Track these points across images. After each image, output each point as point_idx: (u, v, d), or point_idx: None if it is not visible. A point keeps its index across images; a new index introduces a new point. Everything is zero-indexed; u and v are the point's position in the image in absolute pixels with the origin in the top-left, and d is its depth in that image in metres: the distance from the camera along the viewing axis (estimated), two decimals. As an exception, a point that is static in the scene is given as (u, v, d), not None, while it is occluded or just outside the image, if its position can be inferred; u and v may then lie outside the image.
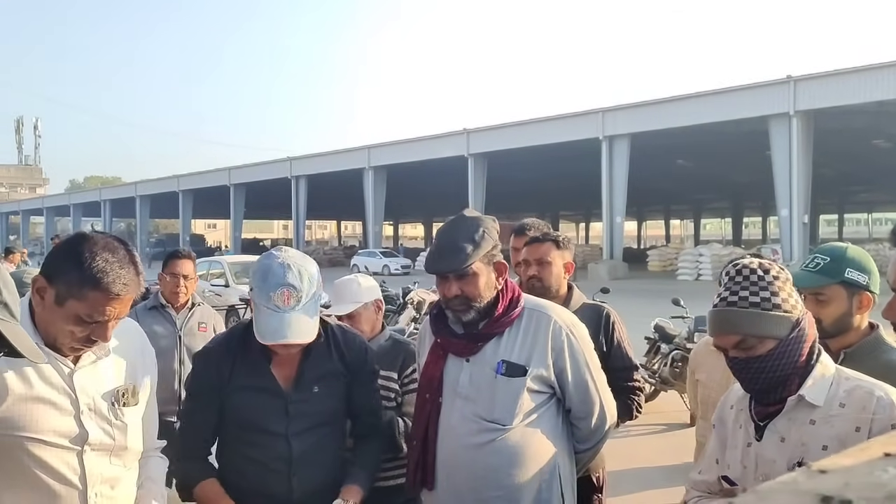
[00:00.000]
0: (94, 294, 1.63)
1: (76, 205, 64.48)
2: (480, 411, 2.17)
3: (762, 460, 1.69)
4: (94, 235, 1.72)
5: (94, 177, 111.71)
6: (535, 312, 2.25)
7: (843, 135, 27.18)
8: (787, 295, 1.67)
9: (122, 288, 1.66)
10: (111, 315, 1.67)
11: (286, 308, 2.03)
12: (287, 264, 2.07)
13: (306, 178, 42.56)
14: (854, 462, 0.64)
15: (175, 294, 4.11)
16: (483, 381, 2.18)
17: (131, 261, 1.72)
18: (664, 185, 42.74)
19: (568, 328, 2.24)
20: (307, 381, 2.19)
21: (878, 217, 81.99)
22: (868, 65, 23.19)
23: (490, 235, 2.20)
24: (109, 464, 1.79)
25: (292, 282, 2.05)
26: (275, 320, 2.03)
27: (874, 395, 1.59)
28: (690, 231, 71.96)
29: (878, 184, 45.84)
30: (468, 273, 2.15)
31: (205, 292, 13.88)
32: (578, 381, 2.22)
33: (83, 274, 1.63)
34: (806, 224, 25.24)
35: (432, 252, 2.25)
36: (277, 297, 2.03)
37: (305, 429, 2.17)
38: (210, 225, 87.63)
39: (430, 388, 2.28)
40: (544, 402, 2.21)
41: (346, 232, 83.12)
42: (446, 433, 2.21)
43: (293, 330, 2.04)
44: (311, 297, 2.09)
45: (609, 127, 29.16)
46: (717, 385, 2.64)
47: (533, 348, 2.19)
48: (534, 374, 2.17)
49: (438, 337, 2.30)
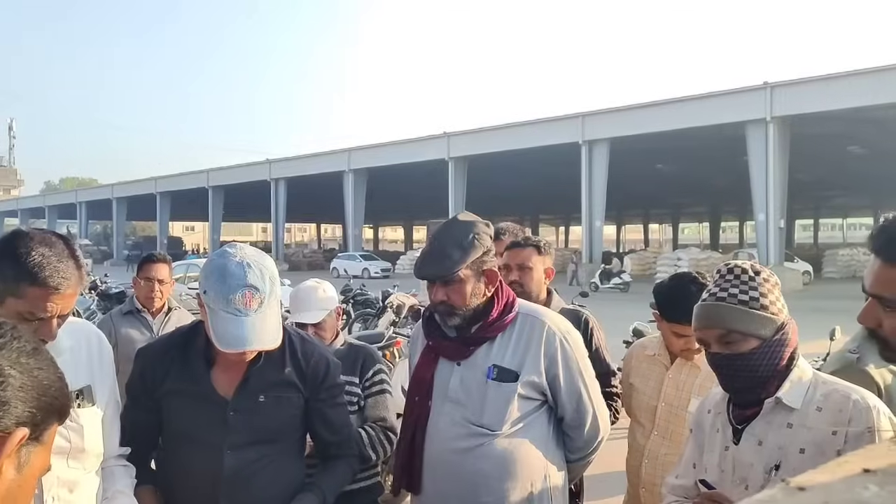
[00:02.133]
0: (32, 290, 1.59)
1: (51, 207, 63.68)
2: (470, 416, 2.13)
3: (740, 464, 1.69)
4: (30, 231, 1.67)
5: (69, 178, 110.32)
6: (530, 318, 2.21)
7: (818, 141, 27.51)
8: (775, 298, 1.71)
9: (60, 282, 1.61)
10: (53, 311, 1.62)
11: (248, 311, 1.83)
12: (246, 263, 1.86)
13: (286, 180, 42.36)
14: (832, 478, 0.63)
15: (150, 299, 4.06)
16: (474, 386, 2.14)
17: (70, 255, 1.66)
18: (643, 190, 43.03)
19: (562, 335, 2.20)
20: (252, 388, 1.95)
21: (853, 222, 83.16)
22: (843, 72, 23.50)
23: (481, 242, 2.14)
24: (67, 467, 1.74)
25: (253, 282, 1.84)
26: (236, 325, 1.82)
27: (850, 398, 1.60)
28: (669, 235, 72.52)
29: (853, 189, 46.50)
30: (453, 280, 2.12)
31: (181, 295, 13.75)
32: (571, 389, 2.18)
33: (19, 270, 1.58)
34: (782, 229, 25.53)
35: (421, 255, 2.23)
36: (238, 300, 1.82)
37: (246, 443, 1.93)
38: (188, 227, 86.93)
39: (419, 390, 2.24)
40: (535, 409, 2.17)
41: (326, 235, 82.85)
42: (434, 437, 2.17)
43: (258, 335, 1.84)
44: (273, 297, 1.89)
45: (589, 131, 29.31)
46: (651, 392, 2.65)
47: (525, 354, 2.15)
48: (525, 380, 2.13)
49: (430, 339, 2.27)
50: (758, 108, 24.72)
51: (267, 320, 1.87)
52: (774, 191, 24.81)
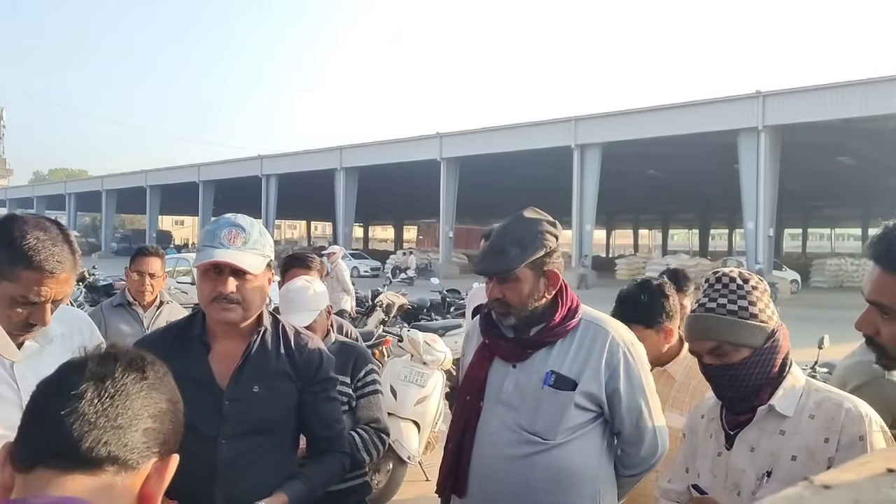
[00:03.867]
0: (27, 273, 1.58)
1: (40, 197, 63.28)
2: (523, 421, 2.05)
3: (732, 469, 1.70)
4: (24, 215, 1.67)
5: (59, 169, 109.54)
6: (593, 325, 2.12)
7: (809, 151, 27.68)
8: (765, 305, 1.71)
9: (55, 265, 1.60)
10: (47, 296, 1.62)
11: (230, 245, 1.91)
12: (237, 216, 1.99)
13: (277, 177, 42.26)
14: (857, 477, 0.63)
15: (141, 292, 4.04)
16: (528, 390, 2.06)
17: (65, 239, 1.66)
18: (634, 195, 43.17)
19: (626, 346, 2.10)
20: (247, 378, 1.96)
21: (841, 232, 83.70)
22: (834, 83, 23.68)
23: (544, 241, 2.06)
24: None
25: (241, 223, 1.95)
26: (214, 253, 1.90)
27: (843, 406, 1.61)
28: (658, 241, 72.76)
29: (842, 200, 46.81)
30: (510, 278, 2.05)
31: (171, 289, 13.69)
32: (632, 404, 2.08)
33: (14, 253, 1.57)
34: (771, 237, 25.67)
35: (482, 250, 2.17)
36: (224, 236, 1.92)
37: (240, 433, 1.93)
38: (178, 222, 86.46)
39: (471, 390, 2.16)
40: (590, 421, 2.08)
41: (317, 232, 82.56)
42: (484, 440, 2.09)
43: (233, 257, 1.89)
44: (259, 247, 1.96)
45: (581, 135, 29.38)
46: None
47: (586, 363, 2.06)
48: (583, 390, 2.04)
49: (486, 338, 2.18)
50: (750, 117, 24.86)
51: (249, 255, 1.92)
52: (764, 199, 24.94)
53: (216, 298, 1.92)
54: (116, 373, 0.93)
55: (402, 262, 10.45)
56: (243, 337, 2.01)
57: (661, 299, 2.50)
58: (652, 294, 2.52)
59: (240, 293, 1.92)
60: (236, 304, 1.93)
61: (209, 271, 1.94)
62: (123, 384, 0.92)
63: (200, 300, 2.00)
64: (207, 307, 1.96)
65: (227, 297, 1.91)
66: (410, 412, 5.07)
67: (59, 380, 0.94)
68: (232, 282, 1.91)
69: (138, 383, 0.94)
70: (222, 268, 1.92)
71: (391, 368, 5.41)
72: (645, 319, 2.46)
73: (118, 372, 0.93)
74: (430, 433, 5.31)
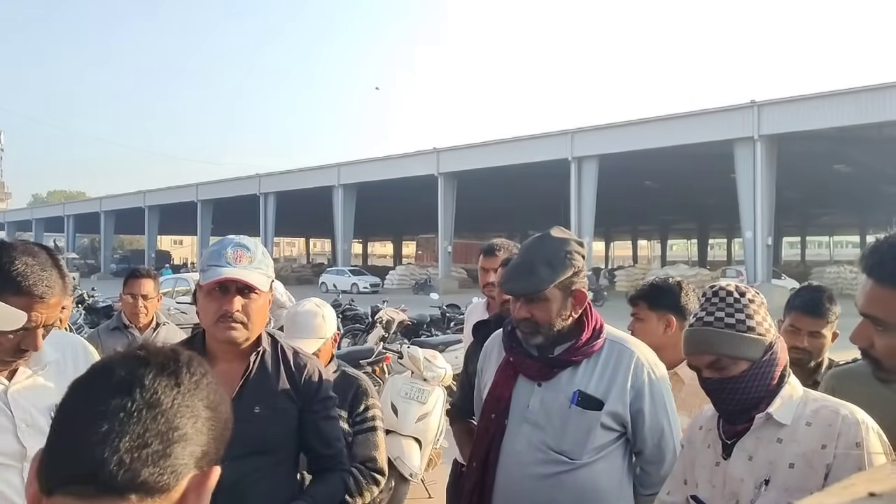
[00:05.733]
0: (15, 299, 1.57)
1: (39, 220, 63.20)
2: (549, 441, 2.05)
3: (730, 479, 1.70)
4: (12, 241, 1.67)
5: (57, 191, 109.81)
6: (617, 345, 2.14)
7: (805, 159, 27.76)
8: (762, 318, 1.71)
9: (45, 290, 1.60)
10: (38, 321, 1.61)
11: (238, 265, 1.93)
12: (241, 237, 2.03)
13: (275, 194, 42.31)
14: (838, 501, 0.63)
15: (135, 315, 4.04)
16: (555, 410, 2.06)
17: (54, 264, 1.66)
18: (632, 206, 43.24)
19: (650, 366, 2.12)
20: (248, 399, 1.96)
21: (840, 240, 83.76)
22: (829, 91, 23.75)
23: (572, 261, 2.07)
24: None
25: (245, 244, 1.99)
26: (221, 271, 1.92)
27: (840, 413, 1.61)
28: (657, 252, 72.81)
29: (839, 207, 46.94)
30: (538, 298, 2.05)
31: (170, 310, 13.68)
32: (655, 424, 2.10)
33: (2, 279, 1.57)
34: (770, 246, 25.67)
35: (508, 268, 2.16)
36: (230, 255, 1.94)
37: (242, 454, 1.85)
38: (176, 241, 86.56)
39: (496, 408, 2.14)
40: (614, 440, 2.10)
41: (315, 249, 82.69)
42: (509, 458, 2.09)
43: (240, 273, 1.92)
44: (264, 264, 2.00)
45: (578, 148, 29.45)
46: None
47: (612, 383, 2.07)
48: (609, 409, 2.05)
49: (511, 355, 2.17)
50: (745, 127, 24.94)
51: (255, 273, 1.96)
52: (762, 208, 24.98)
53: (222, 317, 1.94)
54: (146, 380, 0.82)
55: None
56: (242, 358, 2.02)
57: (679, 291, 2.61)
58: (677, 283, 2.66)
59: (245, 312, 1.95)
60: (241, 323, 1.95)
61: (214, 290, 1.95)
62: (154, 394, 0.81)
63: (204, 320, 2.00)
64: (212, 326, 1.97)
65: (233, 317, 1.93)
66: (412, 429, 5.04)
67: (83, 391, 0.85)
68: (238, 300, 1.94)
69: (171, 392, 0.83)
70: (228, 287, 1.94)
71: (392, 385, 5.39)
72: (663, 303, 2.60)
73: (148, 379, 0.82)
74: (431, 450, 5.28)
